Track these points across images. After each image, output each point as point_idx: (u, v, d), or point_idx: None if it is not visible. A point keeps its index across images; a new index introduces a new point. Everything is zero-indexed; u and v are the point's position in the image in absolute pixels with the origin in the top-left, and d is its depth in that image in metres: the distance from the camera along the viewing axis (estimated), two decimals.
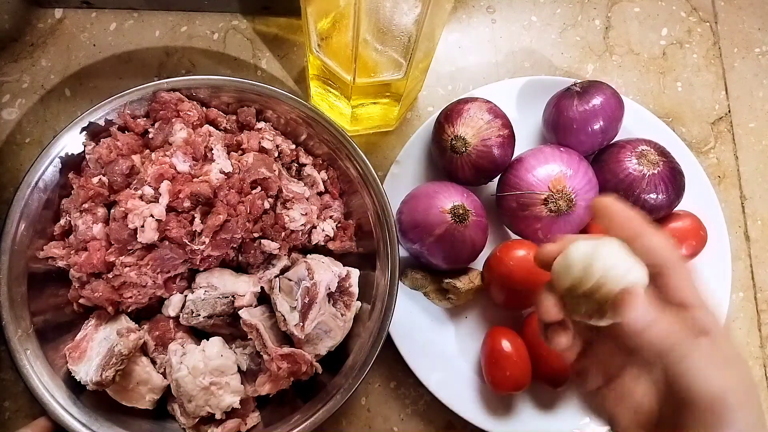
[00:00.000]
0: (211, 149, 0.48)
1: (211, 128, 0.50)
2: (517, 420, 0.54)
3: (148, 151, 0.49)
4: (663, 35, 0.67)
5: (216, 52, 0.62)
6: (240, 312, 0.48)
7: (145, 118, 0.50)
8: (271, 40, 0.62)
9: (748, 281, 0.62)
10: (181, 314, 0.48)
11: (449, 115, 0.54)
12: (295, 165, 0.54)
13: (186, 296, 0.49)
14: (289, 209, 0.50)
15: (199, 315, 0.48)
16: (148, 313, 0.50)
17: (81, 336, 0.48)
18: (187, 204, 0.45)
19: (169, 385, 0.47)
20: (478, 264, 0.55)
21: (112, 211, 0.46)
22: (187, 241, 0.45)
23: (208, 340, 0.48)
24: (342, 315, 0.50)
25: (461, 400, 0.54)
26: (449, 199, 0.51)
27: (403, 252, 0.55)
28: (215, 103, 0.52)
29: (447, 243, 0.51)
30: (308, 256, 0.51)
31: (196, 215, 0.46)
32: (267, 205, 0.49)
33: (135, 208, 0.44)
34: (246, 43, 0.62)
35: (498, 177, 0.55)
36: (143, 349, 0.49)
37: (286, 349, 0.47)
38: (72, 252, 0.47)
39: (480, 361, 0.55)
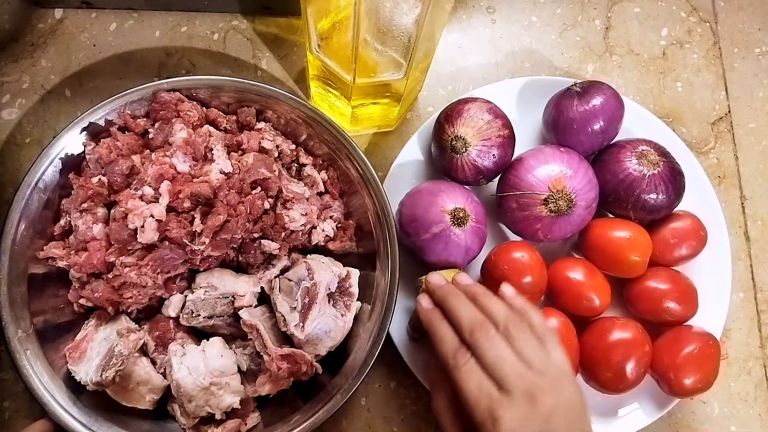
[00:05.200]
0: (211, 149, 0.48)
1: (211, 128, 0.50)
2: None
3: (148, 151, 0.49)
4: (663, 35, 0.67)
5: (216, 53, 0.62)
6: (240, 312, 0.48)
7: (145, 118, 0.51)
8: (271, 40, 0.62)
9: (748, 281, 0.62)
10: (181, 314, 0.48)
11: (449, 115, 0.54)
12: (295, 165, 0.54)
13: (186, 296, 0.49)
14: (289, 209, 0.50)
15: (199, 315, 0.48)
16: (148, 313, 0.50)
17: (81, 336, 0.48)
18: (187, 204, 0.45)
19: (169, 386, 0.47)
20: (477, 265, 0.55)
21: (112, 211, 0.46)
22: (187, 242, 0.45)
23: (208, 340, 0.48)
24: (342, 315, 0.49)
25: None
26: (452, 200, 0.51)
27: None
28: (215, 104, 0.52)
29: (441, 243, 0.51)
30: (308, 256, 0.51)
31: (196, 215, 0.46)
32: (267, 206, 0.49)
33: (135, 208, 0.44)
34: (246, 44, 0.62)
35: (498, 177, 0.55)
36: (143, 350, 0.49)
37: (286, 350, 0.47)
38: (72, 252, 0.47)
39: None
